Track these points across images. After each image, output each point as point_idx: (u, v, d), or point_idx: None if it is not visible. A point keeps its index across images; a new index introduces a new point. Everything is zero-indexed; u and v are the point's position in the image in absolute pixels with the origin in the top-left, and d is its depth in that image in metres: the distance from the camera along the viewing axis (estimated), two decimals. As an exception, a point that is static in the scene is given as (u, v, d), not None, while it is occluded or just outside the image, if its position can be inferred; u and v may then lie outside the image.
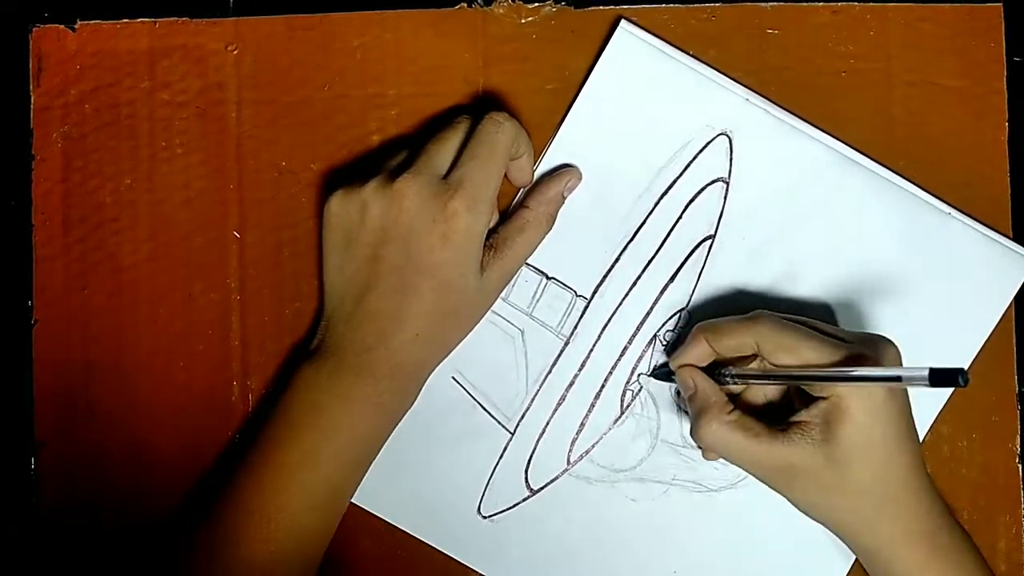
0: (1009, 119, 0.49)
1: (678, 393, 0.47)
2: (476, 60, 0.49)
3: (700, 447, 0.44)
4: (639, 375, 0.48)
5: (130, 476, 0.49)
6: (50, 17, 0.50)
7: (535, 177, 0.48)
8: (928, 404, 0.48)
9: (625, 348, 0.48)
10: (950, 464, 0.48)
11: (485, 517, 0.48)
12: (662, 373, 0.48)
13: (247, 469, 0.44)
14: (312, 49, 0.49)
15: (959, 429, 0.48)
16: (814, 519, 0.43)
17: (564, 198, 0.48)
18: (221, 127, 0.50)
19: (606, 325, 0.48)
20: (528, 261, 0.48)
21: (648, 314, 0.48)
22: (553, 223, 0.47)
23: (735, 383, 0.44)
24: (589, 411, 0.48)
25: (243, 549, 0.43)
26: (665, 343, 0.48)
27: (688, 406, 0.44)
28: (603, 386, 0.48)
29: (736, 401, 0.44)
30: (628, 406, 0.48)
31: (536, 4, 0.49)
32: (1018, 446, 0.48)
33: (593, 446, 0.48)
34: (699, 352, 0.44)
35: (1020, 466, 0.48)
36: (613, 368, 0.48)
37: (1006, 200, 0.49)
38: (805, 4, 0.49)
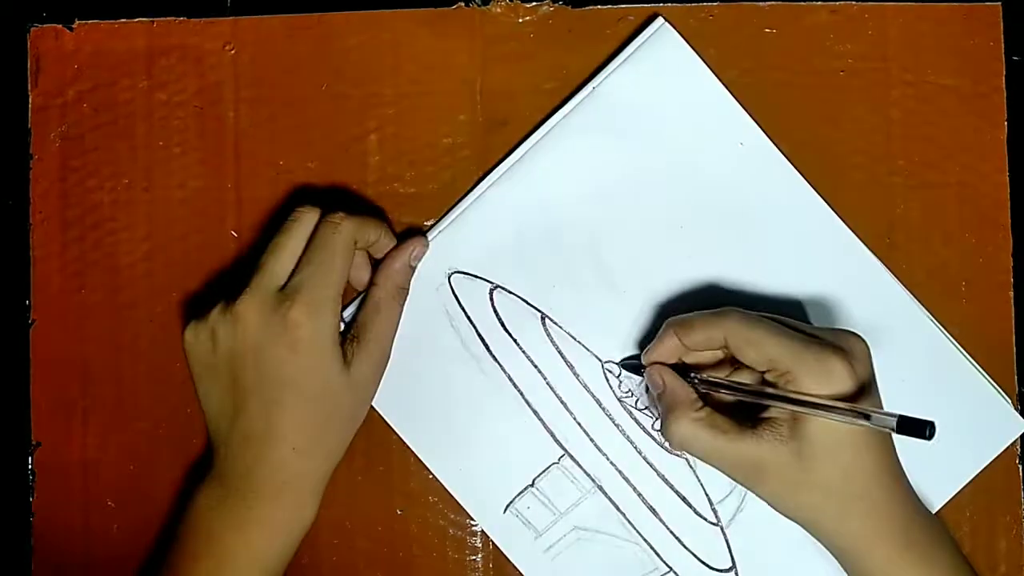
0: (1008, 118, 0.49)
1: (647, 389, 0.47)
2: (473, 59, 0.49)
3: (669, 443, 0.44)
4: (607, 363, 0.48)
5: (126, 475, 0.49)
6: (48, 17, 0.50)
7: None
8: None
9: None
10: (949, 465, 0.48)
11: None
12: (630, 365, 0.48)
13: None
14: (310, 48, 0.49)
15: (959, 430, 0.48)
16: (785, 516, 0.42)
17: (413, 268, 0.48)
18: (219, 126, 0.50)
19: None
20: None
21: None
22: (406, 295, 0.47)
23: (703, 389, 0.43)
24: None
25: None
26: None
27: (658, 403, 0.44)
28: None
29: (706, 397, 0.44)
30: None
31: (534, 3, 0.49)
32: (1018, 447, 0.48)
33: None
34: (669, 346, 0.44)
35: (1020, 467, 0.48)
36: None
37: (1005, 200, 0.49)
38: (803, 3, 0.49)
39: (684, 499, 0.48)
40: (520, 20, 0.49)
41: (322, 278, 0.43)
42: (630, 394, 0.48)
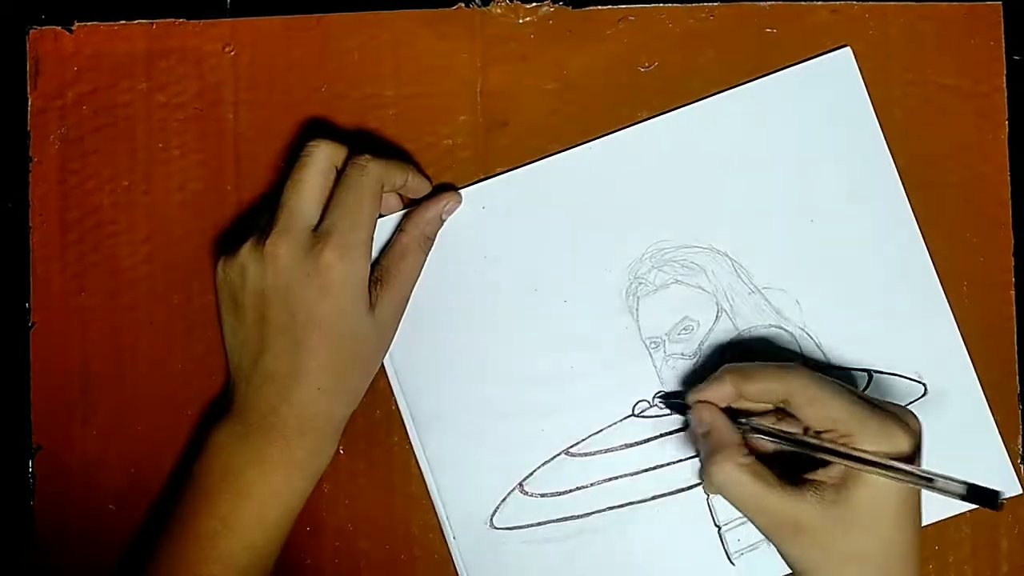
0: (1009, 118, 0.49)
1: (686, 425, 0.47)
2: (474, 60, 0.49)
3: (707, 485, 0.42)
4: (649, 399, 0.48)
5: (127, 479, 0.49)
6: (47, 19, 0.50)
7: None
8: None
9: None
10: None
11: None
12: (673, 404, 0.47)
13: (167, 540, 0.44)
14: (309, 50, 0.49)
15: (960, 429, 0.48)
16: (800, 574, 0.42)
17: (443, 220, 0.48)
18: (218, 128, 0.49)
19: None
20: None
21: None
22: (431, 244, 0.48)
23: (753, 436, 0.42)
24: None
25: None
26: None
27: (700, 443, 0.43)
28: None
29: (753, 448, 0.43)
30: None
31: (534, 4, 0.49)
32: (1020, 446, 0.48)
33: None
34: (722, 392, 0.43)
35: (1022, 467, 0.48)
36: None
37: (1007, 199, 0.49)
38: (804, 3, 0.49)
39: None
40: (520, 21, 0.49)
41: (353, 221, 0.43)
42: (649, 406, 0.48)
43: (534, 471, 0.48)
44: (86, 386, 0.49)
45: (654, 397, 0.48)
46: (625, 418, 0.48)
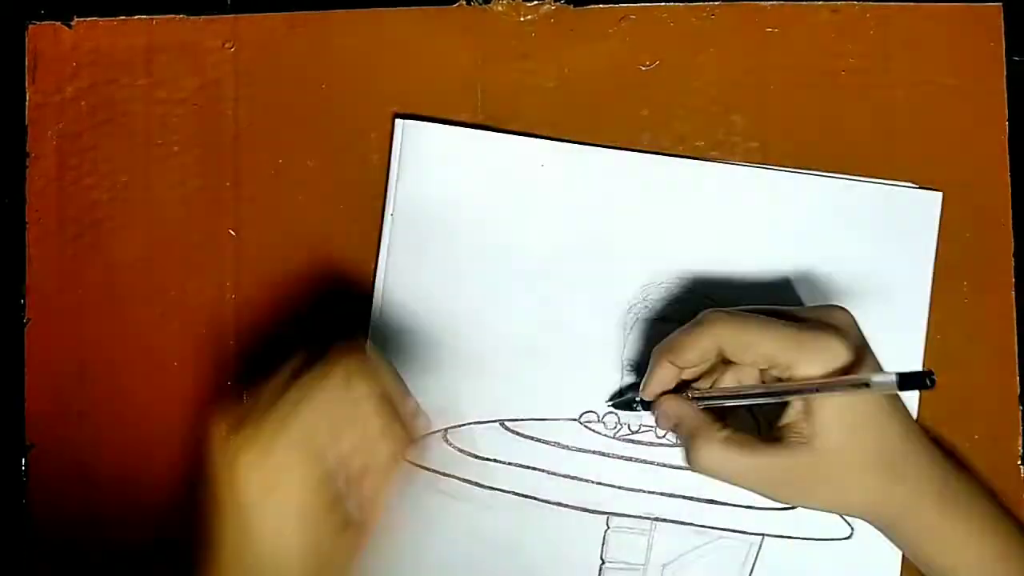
0: (1009, 118, 0.49)
1: (656, 422, 0.46)
2: (475, 58, 0.49)
3: (696, 471, 0.42)
4: (598, 414, 0.48)
5: (122, 477, 0.48)
6: (46, 14, 0.50)
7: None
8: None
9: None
10: (952, 465, 0.48)
11: None
12: (623, 403, 0.47)
13: None
14: (310, 47, 0.49)
15: (960, 431, 0.48)
16: (827, 512, 0.42)
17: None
18: (218, 125, 0.49)
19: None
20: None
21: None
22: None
23: (714, 404, 0.42)
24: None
25: None
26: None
27: (675, 437, 0.43)
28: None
29: (720, 413, 0.43)
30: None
31: (535, 2, 0.49)
32: (1020, 447, 0.48)
33: None
34: (665, 376, 0.43)
35: (1021, 467, 0.48)
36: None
37: (1006, 200, 0.49)
38: (805, 3, 0.49)
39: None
40: (521, 19, 0.49)
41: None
42: (619, 425, 0.47)
43: (464, 425, 0.47)
44: (81, 384, 0.49)
45: (609, 401, 0.48)
46: (567, 419, 0.48)
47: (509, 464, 0.47)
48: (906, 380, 0.36)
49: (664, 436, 0.47)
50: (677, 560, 0.47)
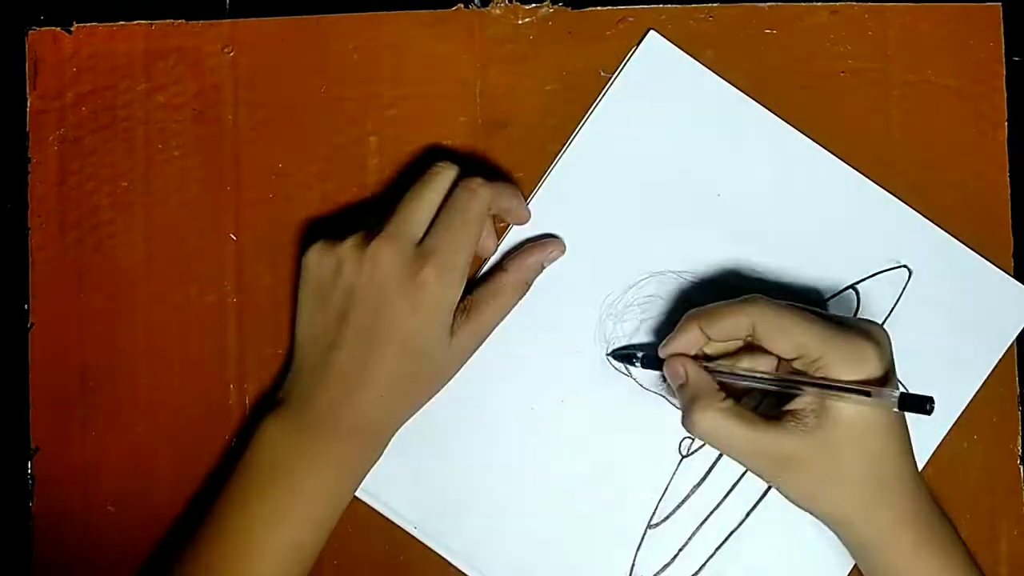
0: (1008, 119, 0.49)
1: (663, 380, 0.46)
2: (473, 61, 0.49)
3: (691, 433, 0.43)
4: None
5: (126, 480, 0.49)
6: (46, 20, 0.50)
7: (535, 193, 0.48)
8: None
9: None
10: (951, 466, 0.48)
11: None
12: (622, 355, 0.48)
13: (210, 530, 0.43)
14: (309, 51, 0.49)
15: (960, 431, 0.48)
16: (806, 510, 0.42)
17: (543, 267, 0.48)
18: (218, 129, 0.49)
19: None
20: None
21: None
22: (527, 289, 0.48)
23: (725, 379, 0.43)
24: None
25: None
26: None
27: (678, 395, 0.44)
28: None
29: (727, 389, 0.43)
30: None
31: (533, 5, 0.49)
32: (1019, 447, 0.48)
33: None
34: (691, 339, 0.44)
35: (1021, 468, 0.48)
36: None
37: (1006, 200, 0.49)
38: (803, 4, 0.49)
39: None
40: (520, 22, 0.49)
41: (456, 243, 0.44)
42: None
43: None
44: (85, 387, 0.49)
45: (609, 353, 0.48)
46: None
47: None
48: (906, 401, 0.37)
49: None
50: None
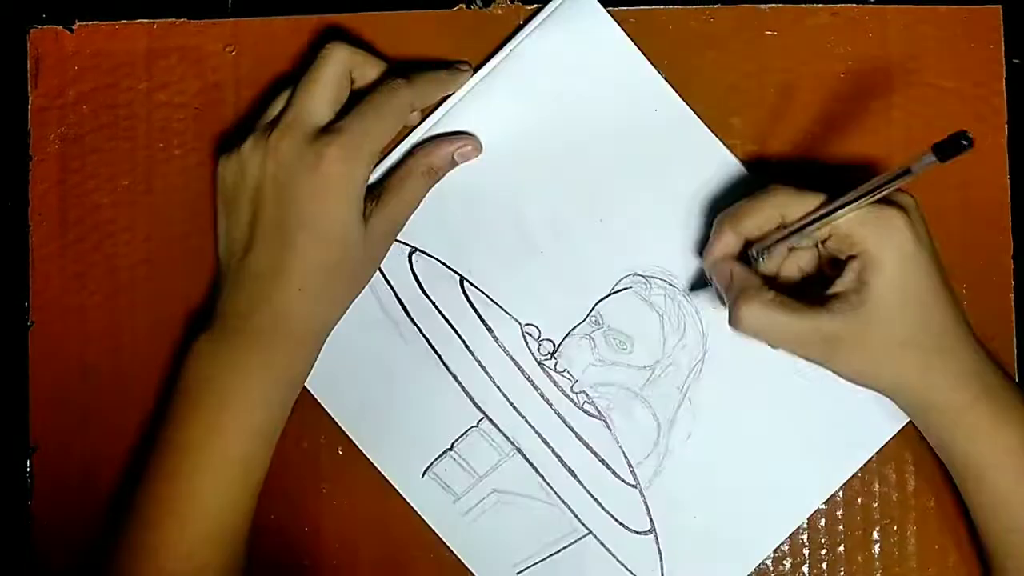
0: (1008, 121, 0.49)
1: (710, 278, 0.46)
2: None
3: (739, 328, 0.42)
4: (526, 325, 0.48)
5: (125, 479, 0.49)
6: (48, 18, 0.50)
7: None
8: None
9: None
10: (951, 467, 0.48)
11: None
12: (699, 282, 0.48)
13: (154, 454, 0.43)
14: (310, 50, 0.49)
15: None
16: (862, 385, 0.43)
17: (455, 161, 0.48)
18: (219, 128, 0.49)
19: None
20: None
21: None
22: (436, 178, 0.47)
23: (763, 257, 0.43)
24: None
25: (162, 539, 0.42)
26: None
27: (725, 296, 0.43)
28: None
29: (772, 284, 0.43)
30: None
31: (535, 5, 0.49)
32: (1019, 449, 0.48)
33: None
34: (727, 241, 0.44)
35: (1021, 469, 0.48)
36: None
37: (1006, 202, 0.49)
38: (804, 6, 0.49)
39: (603, 461, 0.48)
40: (521, 22, 0.49)
41: (365, 129, 0.43)
42: (549, 356, 0.48)
43: (433, 258, 0.49)
44: (85, 386, 0.49)
45: (689, 288, 0.48)
46: (512, 318, 0.48)
47: (440, 312, 0.48)
48: (943, 150, 0.35)
49: (579, 395, 0.48)
50: (511, 495, 0.48)
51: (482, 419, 0.48)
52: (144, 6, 0.50)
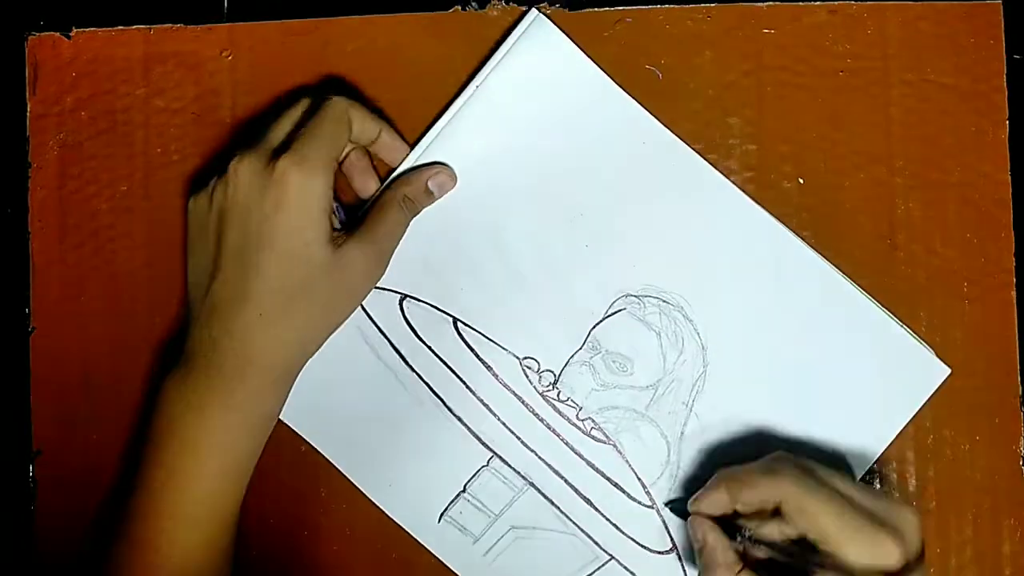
0: (1009, 117, 0.48)
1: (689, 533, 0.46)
2: (471, 63, 0.49)
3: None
4: (525, 359, 0.48)
5: (128, 483, 0.49)
6: (46, 25, 0.50)
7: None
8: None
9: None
10: (953, 467, 0.48)
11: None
12: (676, 509, 0.47)
13: (125, 495, 0.44)
14: (307, 55, 0.49)
15: (962, 432, 0.48)
16: None
17: (431, 192, 0.47)
18: (216, 133, 0.49)
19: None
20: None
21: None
22: (415, 209, 0.47)
23: (749, 542, 0.42)
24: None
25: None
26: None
27: (697, 557, 0.43)
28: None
29: (746, 554, 0.42)
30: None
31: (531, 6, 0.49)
32: (1022, 448, 0.48)
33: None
34: (718, 501, 0.43)
35: (1024, 468, 0.48)
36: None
37: (1007, 200, 0.48)
38: (802, 3, 0.49)
39: (617, 485, 0.48)
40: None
41: (312, 137, 0.43)
42: (551, 387, 0.48)
43: (424, 302, 0.48)
44: (86, 391, 0.49)
45: (667, 504, 0.48)
46: (510, 353, 0.48)
47: (437, 356, 0.48)
48: None
49: (585, 421, 0.48)
50: (529, 529, 0.48)
51: (492, 457, 0.48)
52: (141, 12, 0.50)
